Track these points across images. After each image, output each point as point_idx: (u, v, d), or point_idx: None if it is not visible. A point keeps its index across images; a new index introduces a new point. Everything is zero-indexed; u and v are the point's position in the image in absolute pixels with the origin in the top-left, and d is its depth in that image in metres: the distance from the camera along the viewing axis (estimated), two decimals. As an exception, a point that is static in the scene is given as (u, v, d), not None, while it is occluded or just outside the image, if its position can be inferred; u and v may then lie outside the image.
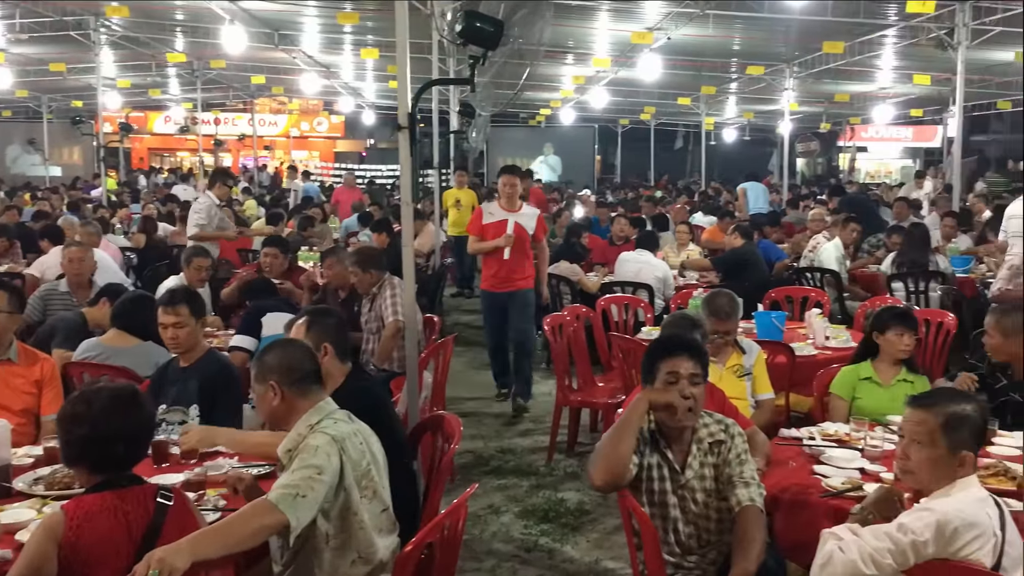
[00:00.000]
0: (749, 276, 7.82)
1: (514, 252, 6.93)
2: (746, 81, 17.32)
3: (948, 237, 9.34)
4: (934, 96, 17.86)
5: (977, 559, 2.44)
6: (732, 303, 4.58)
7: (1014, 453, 3.70)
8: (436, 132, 10.89)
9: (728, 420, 3.24)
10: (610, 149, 32.45)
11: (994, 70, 14.84)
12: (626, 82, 17.61)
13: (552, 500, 5.21)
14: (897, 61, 14.51)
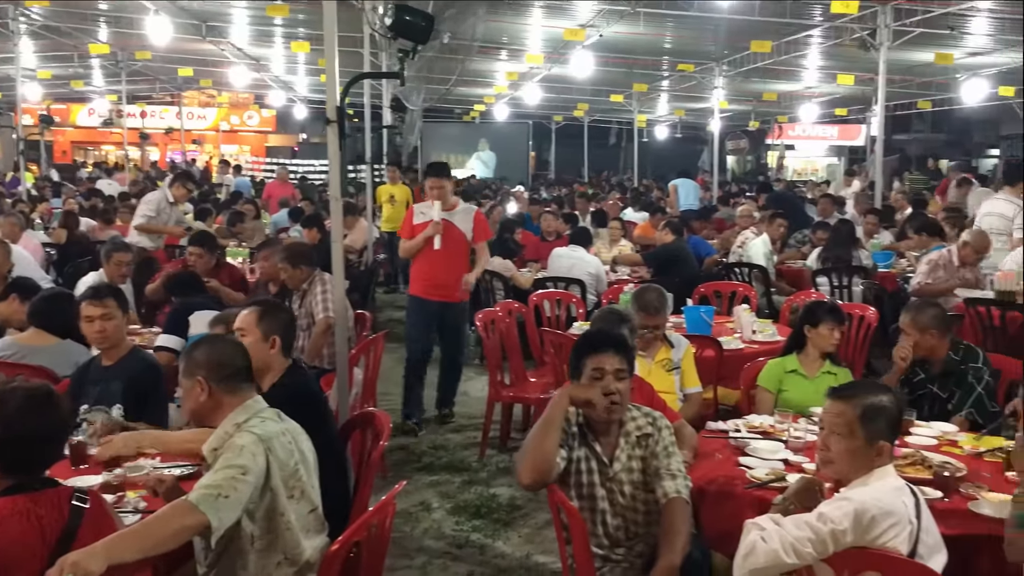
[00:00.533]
0: (679, 271, 7.93)
1: (450, 257, 6.24)
2: (677, 79, 17.54)
3: (870, 234, 9.59)
4: (858, 96, 18.32)
5: (894, 546, 2.51)
6: (661, 298, 4.63)
7: (930, 443, 3.82)
8: (368, 127, 10.78)
9: (656, 413, 3.28)
10: (544, 145, 32.58)
11: (915, 71, 15.27)
12: (559, 79, 17.69)
13: (484, 496, 5.21)
14: (822, 61, 14.85)
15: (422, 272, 6.34)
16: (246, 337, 3.54)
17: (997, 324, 6.16)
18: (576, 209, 13.04)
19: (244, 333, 3.56)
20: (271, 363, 3.56)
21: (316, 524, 2.78)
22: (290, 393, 3.38)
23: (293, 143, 31.60)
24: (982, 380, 4.35)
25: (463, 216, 6.38)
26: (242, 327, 3.59)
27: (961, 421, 4.24)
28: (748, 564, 2.52)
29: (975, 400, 4.31)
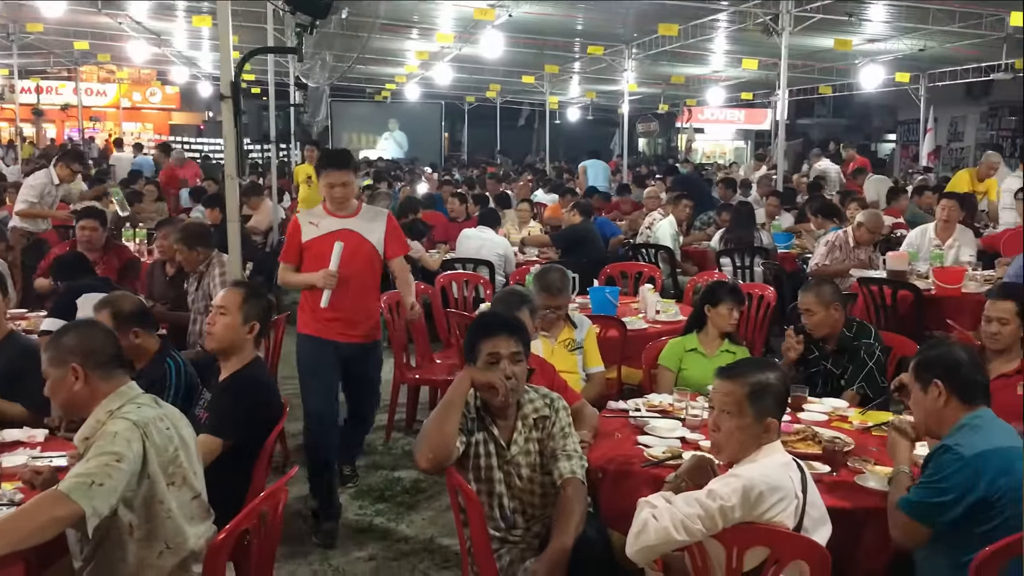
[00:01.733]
0: (587, 252, 7.98)
1: (355, 280, 4.50)
2: (588, 61, 17.62)
3: (772, 215, 9.81)
4: (763, 80, 18.70)
5: (780, 521, 2.55)
6: (563, 278, 4.63)
7: (821, 419, 3.92)
8: (273, 105, 10.52)
9: (553, 395, 3.28)
10: (457, 126, 32.42)
11: (816, 56, 15.66)
12: (471, 59, 17.58)
13: (388, 479, 5.16)
14: (728, 45, 15.09)
15: (319, 305, 4.42)
16: (226, 316, 3.49)
17: (889, 303, 6.36)
18: (487, 190, 13.01)
19: (225, 311, 3.50)
20: (243, 348, 3.53)
21: (200, 512, 2.69)
22: (253, 386, 3.42)
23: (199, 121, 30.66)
24: (873, 356, 4.48)
25: (370, 223, 4.60)
26: (224, 305, 3.53)
27: (852, 396, 4.37)
28: (640, 542, 2.54)
29: (866, 375, 4.44)
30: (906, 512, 2.78)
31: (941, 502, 2.72)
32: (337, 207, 4.54)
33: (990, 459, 2.69)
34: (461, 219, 9.60)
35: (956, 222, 7.43)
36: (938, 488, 2.73)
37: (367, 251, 4.56)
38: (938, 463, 2.77)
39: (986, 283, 6.54)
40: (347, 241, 4.46)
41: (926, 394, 2.96)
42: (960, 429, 2.83)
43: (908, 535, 2.81)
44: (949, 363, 2.92)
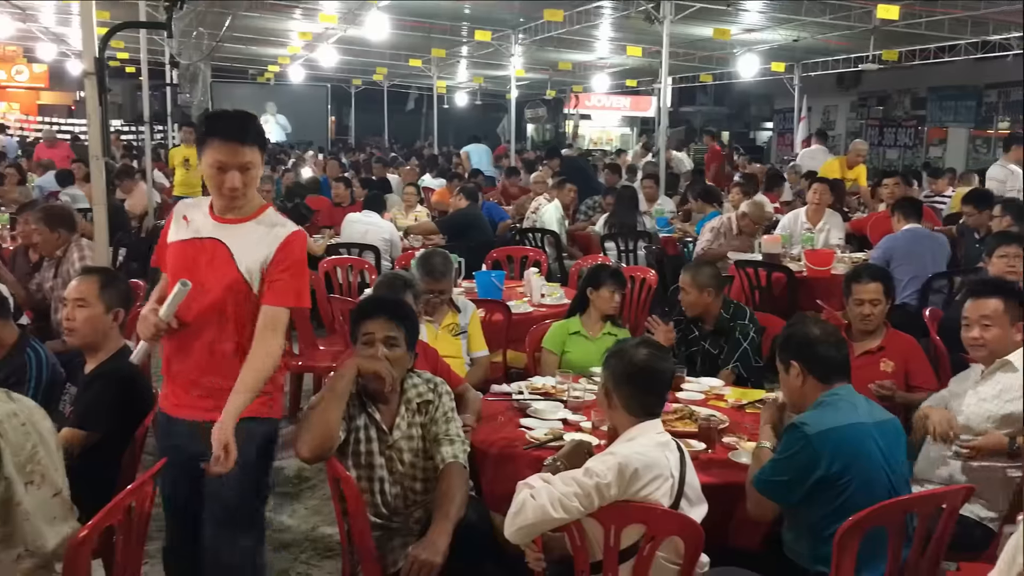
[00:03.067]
0: (473, 236, 7.96)
1: (204, 323, 2.86)
2: (475, 46, 17.54)
3: (649, 199, 9.99)
4: (647, 68, 19.03)
5: (656, 499, 2.60)
6: (446, 262, 4.60)
7: (698, 397, 4.02)
8: (147, 84, 10.09)
9: (437, 379, 3.25)
10: (344, 110, 31.88)
11: (697, 45, 16.02)
12: (356, 41, 17.26)
13: (270, 469, 5.04)
14: (613, 32, 15.27)
15: (166, 360, 2.98)
16: (85, 307, 3.30)
17: (764, 284, 6.57)
18: (373, 174, 12.85)
19: (84, 303, 3.30)
20: (108, 338, 3.36)
21: (62, 510, 2.55)
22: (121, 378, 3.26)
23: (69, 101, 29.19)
24: (748, 336, 4.62)
25: (257, 242, 2.86)
26: (82, 297, 3.32)
27: (728, 375, 4.50)
28: (517, 522, 2.55)
29: (741, 354, 4.58)
30: (756, 488, 2.89)
31: (785, 480, 2.82)
32: (226, 204, 2.88)
33: (831, 438, 2.79)
34: (346, 204, 9.46)
35: (826, 206, 7.74)
36: (782, 466, 2.84)
37: (226, 283, 2.84)
38: (785, 442, 2.88)
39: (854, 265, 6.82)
40: (211, 253, 2.86)
41: (788, 374, 3.07)
42: (816, 407, 2.94)
43: (759, 510, 2.92)
44: (805, 343, 3.03)
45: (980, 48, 14.07)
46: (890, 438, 2.95)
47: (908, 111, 22.10)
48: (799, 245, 7.38)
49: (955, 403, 3.52)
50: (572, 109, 26.85)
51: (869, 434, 2.87)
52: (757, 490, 2.88)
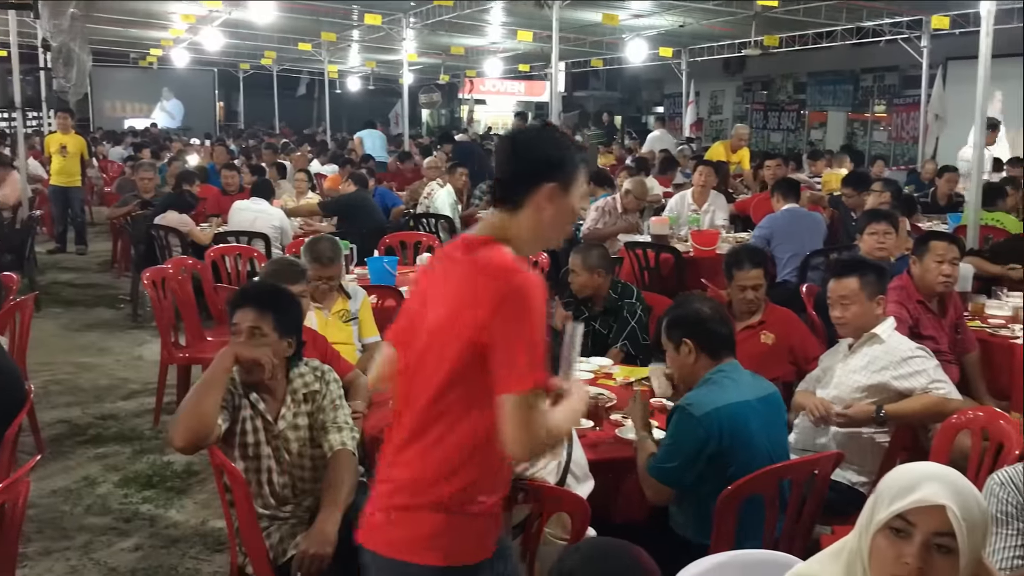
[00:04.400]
0: (364, 222, 7.88)
1: None
2: (366, 30, 17.31)
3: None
4: (539, 52, 19.12)
5: (542, 477, 2.63)
6: (334, 248, 4.54)
7: (588, 377, 4.09)
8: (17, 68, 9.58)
9: (324, 367, 3.21)
10: (232, 95, 31.02)
11: (587, 30, 16.19)
12: (242, 24, 16.81)
13: (157, 464, 4.91)
14: (504, 17, 15.30)
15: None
16: None
17: (653, 265, 6.72)
18: (262, 161, 12.58)
19: None
20: None
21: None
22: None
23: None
24: (636, 315, 4.73)
25: None
26: None
27: (616, 353, 4.59)
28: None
29: (629, 333, 4.69)
30: (653, 475, 2.95)
31: (678, 464, 2.89)
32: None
33: (717, 417, 2.87)
34: (235, 191, 9.25)
35: (711, 188, 7.95)
36: (674, 450, 2.91)
37: None
38: (674, 425, 2.95)
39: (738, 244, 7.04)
40: None
41: (678, 352, 3.15)
42: (702, 385, 3.03)
43: (658, 495, 2.99)
44: (696, 321, 3.11)
45: (855, 34, 14.66)
46: (771, 412, 3.06)
47: (790, 95, 22.88)
48: (686, 226, 7.58)
49: (826, 377, 3.69)
50: (467, 94, 26.82)
51: (752, 409, 2.96)
52: (654, 478, 2.94)
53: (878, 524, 1.65)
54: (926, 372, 3.44)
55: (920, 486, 1.64)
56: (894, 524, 1.64)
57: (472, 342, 1.95)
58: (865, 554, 1.68)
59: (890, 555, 1.64)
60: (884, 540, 1.65)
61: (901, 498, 1.63)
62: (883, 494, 1.67)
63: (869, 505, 1.70)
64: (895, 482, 1.67)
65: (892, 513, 1.63)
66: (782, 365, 4.46)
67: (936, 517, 1.62)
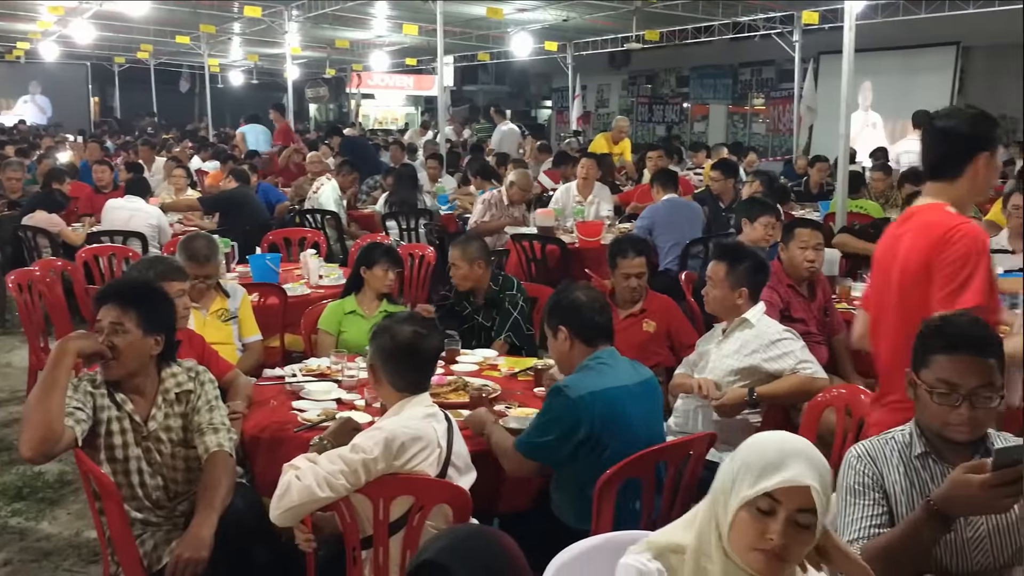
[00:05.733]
0: (246, 219, 7.71)
1: None
2: (247, 22, 16.88)
3: (433, 179, 10.08)
4: (425, 46, 19.02)
5: (422, 469, 2.64)
6: (210, 246, 4.43)
7: (473, 369, 4.11)
8: None
9: (199, 368, 3.13)
10: (108, 90, 29.81)
11: (472, 24, 16.19)
12: (115, 16, 16.16)
13: (27, 475, 4.69)
14: (389, 10, 15.17)
15: None
16: None
17: (539, 256, 6.79)
18: (141, 158, 12.14)
19: None
20: None
21: None
22: None
23: None
24: (518, 305, 4.77)
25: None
26: None
27: (500, 345, 4.63)
28: (283, 504, 2.51)
29: (512, 324, 4.73)
30: (521, 451, 3.00)
31: (548, 440, 2.96)
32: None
33: (593, 401, 2.95)
34: (109, 189, 8.91)
35: (595, 180, 8.08)
36: (546, 428, 2.98)
37: None
38: (549, 404, 3.02)
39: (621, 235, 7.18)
40: None
41: (556, 339, 3.20)
42: (580, 370, 3.09)
43: (519, 468, 3.05)
44: (572, 309, 3.17)
45: (732, 29, 15.11)
46: (648, 396, 3.15)
47: (674, 89, 23.45)
48: (571, 218, 7.68)
49: (702, 362, 3.80)
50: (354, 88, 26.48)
51: (629, 394, 3.04)
52: (521, 452, 2.99)
53: (743, 500, 1.70)
54: (793, 353, 3.59)
55: (786, 464, 1.69)
56: (760, 503, 1.69)
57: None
58: (725, 526, 1.73)
59: (754, 531, 1.70)
60: (748, 516, 1.70)
61: (767, 477, 1.68)
62: (747, 470, 1.72)
63: (728, 475, 1.76)
64: (758, 458, 1.72)
65: (760, 491, 1.68)
66: (663, 351, 4.59)
67: (801, 495, 1.69)
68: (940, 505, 2.03)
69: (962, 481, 2.00)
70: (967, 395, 2.16)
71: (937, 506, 2.04)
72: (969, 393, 2.16)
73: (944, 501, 2.03)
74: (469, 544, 1.57)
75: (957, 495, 2.01)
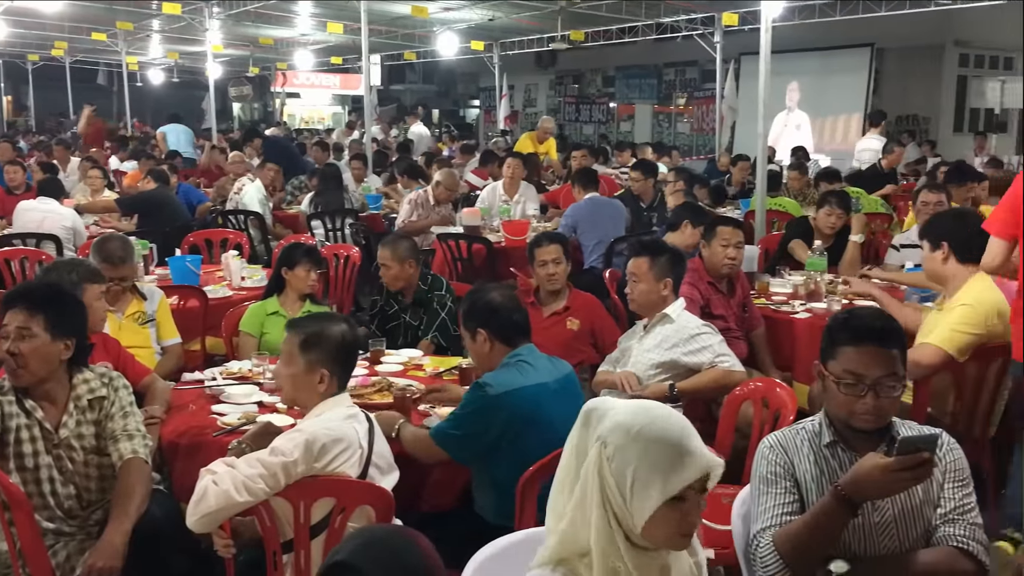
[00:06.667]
0: (166, 220, 7.55)
1: None
2: (167, 19, 16.50)
3: (358, 179, 10.01)
4: (351, 45, 18.84)
5: (343, 471, 2.62)
6: (125, 247, 4.32)
7: (398, 369, 4.09)
8: None
9: (112, 373, 3.06)
10: (22, 88, 28.82)
11: (397, 23, 16.10)
12: (26, 12, 15.65)
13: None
14: (313, 8, 14.99)
15: None
16: None
17: (465, 255, 6.79)
18: (55, 158, 11.79)
19: None
20: None
21: None
22: None
23: None
24: (445, 306, 4.76)
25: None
26: None
27: (427, 345, 4.62)
28: (200, 510, 2.47)
29: (440, 324, 4.72)
30: (433, 436, 3.03)
31: (462, 434, 2.98)
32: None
33: (512, 398, 2.97)
34: (22, 191, 8.63)
35: (521, 179, 8.12)
36: (462, 421, 3.00)
37: None
38: (468, 399, 3.04)
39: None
40: None
41: (475, 340, 3.21)
42: (502, 368, 3.11)
43: (428, 455, 3.07)
44: (489, 310, 3.18)
45: (655, 30, 15.32)
46: (568, 393, 3.17)
47: (600, 89, 23.70)
48: (497, 217, 7.70)
49: (624, 358, 3.86)
50: (279, 87, 26.10)
51: (549, 391, 3.06)
52: (433, 437, 3.03)
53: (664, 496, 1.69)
54: (712, 347, 3.67)
55: (688, 450, 1.72)
56: (678, 495, 1.70)
57: None
58: (638, 525, 1.71)
59: (674, 520, 1.71)
60: (667, 510, 1.70)
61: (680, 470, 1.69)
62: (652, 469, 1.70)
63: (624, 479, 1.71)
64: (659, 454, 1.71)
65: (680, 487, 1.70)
66: (587, 349, 4.64)
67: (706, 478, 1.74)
68: (847, 490, 2.11)
69: (868, 466, 2.08)
70: (872, 385, 2.24)
71: (844, 491, 2.11)
72: (874, 383, 2.24)
73: (850, 485, 2.10)
74: (383, 544, 1.57)
75: (862, 479, 2.09)
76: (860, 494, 2.11)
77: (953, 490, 2.25)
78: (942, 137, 16.55)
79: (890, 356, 2.25)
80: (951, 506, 2.24)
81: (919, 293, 4.71)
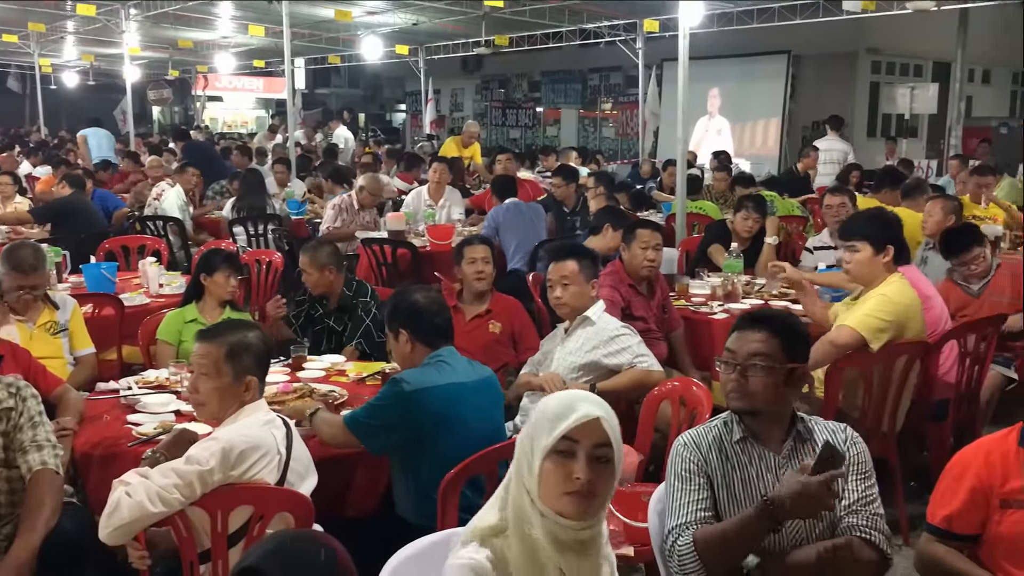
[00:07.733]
0: (80, 227, 7.36)
1: None
2: (81, 20, 16.06)
3: (281, 183, 9.90)
4: (273, 48, 18.60)
5: (261, 478, 2.59)
6: (36, 255, 4.20)
7: (320, 375, 4.06)
8: None
9: (20, 383, 2.97)
10: (-73, 91, 27.73)
11: (321, 26, 15.96)
12: (-68, 11, 15.09)
13: None
14: (233, 11, 14.76)
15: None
16: None
17: (390, 260, 6.77)
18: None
19: None
20: None
21: None
22: None
23: None
24: (370, 313, 4.75)
25: None
26: None
27: (351, 351, 4.59)
28: (113, 522, 2.42)
29: (364, 331, 4.70)
30: (347, 424, 3.07)
31: (374, 425, 3.03)
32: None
33: (427, 396, 3.00)
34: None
35: (446, 184, 8.13)
36: (375, 412, 3.04)
37: None
38: (384, 392, 3.08)
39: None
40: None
41: (398, 341, 3.23)
42: (422, 367, 3.13)
43: (336, 438, 3.10)
44: (412, 312, 3.20)
45: (579, 35, 15.49)
46: (487, 394, 3.20)
47: (526, 94, 23.83)
48: (422, 222, 7.69)
49: (547, 361, 3.90)
50: (200, 90, 25.61)
51: (467, 391, 3.09)
52: (348, 426, 3.06)
53: (545, 449, 1.78)
54: (631, 348, 3.73)
55: (575, 406, 1.80)
56: (560, 447, 1.78)
57: None
58: (535, 485, 1.79)
59: (560, 475, 1.78)
60: (551, 464, 1.78)
61: (562, 420, 1.78)
62: (540, 424, 1.81)
63: (526, 439, 1.84)
64: (548, 411, 1.82)
65: (558, 435, 1.77)
66: (509, 352, 4.67)
67: (595, 430, 1.79)
68: (776, 506, 2.17)
69: (798, 483, 2.15)
70: (740, 363, 2.38)
71: (773, 507, 2.17)
72: (743, 360, 2.37)
73: (780, 503, 2.16)
74: (293, 548, 1.56)
75: (791, 497, 2.14)
76: (788, 513, 2.19)
77: (856, 482, 2.34)
78: (856, 142, 17.08)
79: (761, 338, 2.39)
80: (854, 498, 2.32)
81: (830, 293, 4.86)
